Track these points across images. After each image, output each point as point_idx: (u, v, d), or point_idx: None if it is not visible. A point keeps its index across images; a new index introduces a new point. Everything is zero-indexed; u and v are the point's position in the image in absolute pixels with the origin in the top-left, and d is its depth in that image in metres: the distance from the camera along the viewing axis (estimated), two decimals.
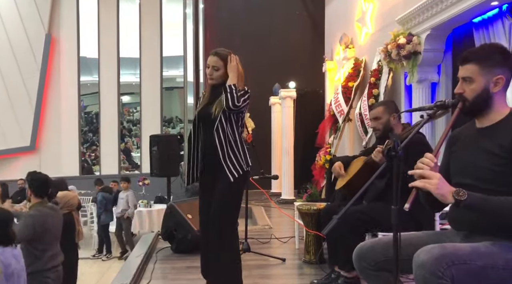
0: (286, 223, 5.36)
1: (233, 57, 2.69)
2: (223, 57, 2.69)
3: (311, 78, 8.74)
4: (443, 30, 4.45)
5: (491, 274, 1.55)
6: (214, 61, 2.69)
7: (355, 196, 1.69)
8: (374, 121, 2.93)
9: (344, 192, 3.17)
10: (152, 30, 11.53)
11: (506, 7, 3.69)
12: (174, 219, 4.16)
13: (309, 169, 7.63)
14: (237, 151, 2.69)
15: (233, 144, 2.69)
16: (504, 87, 1.74)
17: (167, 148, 6.66)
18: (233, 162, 2.68)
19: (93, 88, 12.37)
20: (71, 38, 11.40)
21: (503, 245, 1.62)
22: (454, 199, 1.56)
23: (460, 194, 1.56)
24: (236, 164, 2.68)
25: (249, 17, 9.05)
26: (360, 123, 5.91)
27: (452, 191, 1.58)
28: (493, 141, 1.70)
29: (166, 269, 3.71)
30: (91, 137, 13.99)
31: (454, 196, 1.57)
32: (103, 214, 8.11)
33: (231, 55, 2.69)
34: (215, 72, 2.70)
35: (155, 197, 9.29)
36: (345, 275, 2.80)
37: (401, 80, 5.22)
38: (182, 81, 12.00)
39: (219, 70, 2.69)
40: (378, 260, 1.80)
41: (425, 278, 1.50)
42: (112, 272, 6.22)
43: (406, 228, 2.03)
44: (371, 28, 6.33)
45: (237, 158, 2.69)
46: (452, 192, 1.57)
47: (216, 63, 2.69)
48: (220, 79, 2.70)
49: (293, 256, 3.97)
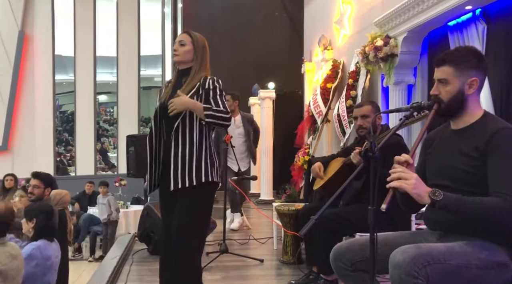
0: (265, 224, 5.36)
1: (178, 93, 2.31)
2: (194, 37, 2.40)
3: (290, 79, 8.77)
4: (419, 33, 4.53)
5: (465, 273, 1.58)
6: (182, 36, 2.41)
7: (332, 197, 1.69)
8: (362, 119, 2.91)
9: (322, 193, 3.18)
10: (129, 29, 11.36)
11: (479, 12, 3.78)
12: (151, 221, 4.11)
13: (288, 169, 7.65)
14: (203, 157, 2.32)
15: (198, 147, 2.32)
16: (478, 89, 1.77)
17: (144, 148, 6.52)
18: (197, 168, 2.30)
19: (69, 87, 12.12)
20: (46, 35, 11.13)
21: (477, 244, 1.64)
22: (430, 199, 1.58)
23: (436, 194, 1.58)
24: (199, 171, 2.30)
25: (228, 18, 9.02)
26: (338, 124, 5.95)
27: (428, 191, 1.60)
28: (467, 143, 1.73)
29: (142, 271, 3.65)
30: (66, 137, 13.71)
31: (430, 196, 1.59)
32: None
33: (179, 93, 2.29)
34: (180, 47, 2.38)
35: (132, 198, 9.18)
36: (324, 278, 2.81)
37: (378, 82, 5.29)
38: (160, 80, 11.88)
39: (186, 46, 2.38)
40: (355, 260, 1.80)
41: (401, 278, 1.51)
42: (86, 275, 6.10)
43: (383, 228, 2.05)
44: (349, 30, 6.39)
45: (201, 164, 2.31)
46: (428, 192, 1.59)
47: (184, 38, 2.40)
48: (185, 57, 2.38)
49: (271, 257, 3.96)
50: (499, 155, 1.64)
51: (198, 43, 2.40)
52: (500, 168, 1.62)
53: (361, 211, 2.10)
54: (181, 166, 2.30)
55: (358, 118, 2.94)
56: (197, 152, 2.32)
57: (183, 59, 2.40)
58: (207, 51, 2.46)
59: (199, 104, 2.28)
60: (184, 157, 2.31)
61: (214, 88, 2.34)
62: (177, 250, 2.31)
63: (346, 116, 5.68)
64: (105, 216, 7.69)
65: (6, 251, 2.62)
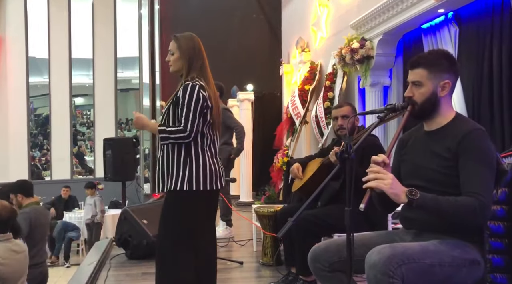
0: (244, 226, 5.35)
1: (134, 114, 2.40)
2: (179, 41, 2.37)
3: (268, 81, 8.81)
4: (394, 35, 4.61)
5: (438, 271, 1.61)
6: (171, 44, 2.42)
7: (309, 199, 1.70)
8: (343, 119, 2.94)
9: (300, 194, 3.20)
10: (106, 30, 11.20)
11: (451, 15, 3.87)
12: (129, 225, 4.05)
13: (267, 171, 7.67)
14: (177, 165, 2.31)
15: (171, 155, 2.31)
16: (450, 91, 1.82)
17: (121, 151, 6.47)
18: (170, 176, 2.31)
19: (44, 89, 11.87)
20: (19, 37, 10.88)
21: (450, 243, 1.68)
22: (408, 198, 1.61)
23: (413, 194, 1.60)
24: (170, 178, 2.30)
25: (206, 20, 8.99)
26: (316, 125, 6.00)
27: (405, 190, 1.62)
28: (440, 144, 1.76)
29: (120, 276, 3.59)
30: (41, 141, 13.41)
31: (408, 195, 1.61)
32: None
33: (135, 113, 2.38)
34: (171, 57, 2.39)
35: (110, 202, 9.05)
36: (303, 279, 2.82)
37: (355, 83, 5.36)
38: (137, 82, 11.75)
39: (174, 54, 2.38)
40: (332, 261, 1.82)
41: (377, 278, 1.53)
42: (63, 281, 5.97)
43: (359, 228, 2.08)
44: (326, 33, 6.46)
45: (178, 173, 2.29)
46: (405, 192, 1.62)
47: (171, 46, 2.39)
48: (176, 66, 2.38)
49: (251, 259, 3.96)
50: (470, 156, 1.68)
51: (182, 46, 2.36)
52: (471, 168, 1.66)
53: (338, 212, 2.12)
54: (161, 171, 2.36)
55: (338, 118, 2.97)
56: (172, 157, 2.33)
57: (175, 68, 2.40)
58: (198, 49, 2.39)
59: (153, 126, 2.35)
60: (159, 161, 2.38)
61: (182, 97, 2.29)
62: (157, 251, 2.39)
63: (324, 118, 5.73)
64: (89, 216, 7.59)
65: (7, 247, 2.78)
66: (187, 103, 2.27)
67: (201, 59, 2.39)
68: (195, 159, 2.31)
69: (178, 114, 2.31)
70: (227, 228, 4.84)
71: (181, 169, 2.30)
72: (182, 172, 2.30)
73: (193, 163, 2.31)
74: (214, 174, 2.35)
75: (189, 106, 2.26)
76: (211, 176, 2.33)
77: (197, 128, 2.28)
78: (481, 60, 3.63)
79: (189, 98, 2.27)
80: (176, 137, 2.26)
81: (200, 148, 2.33)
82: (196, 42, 2.39)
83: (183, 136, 2.26)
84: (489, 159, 1.68)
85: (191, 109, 2.26)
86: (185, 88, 2.30)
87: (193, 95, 2.27)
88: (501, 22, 3.44)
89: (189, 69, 2.35)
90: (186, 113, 2.26)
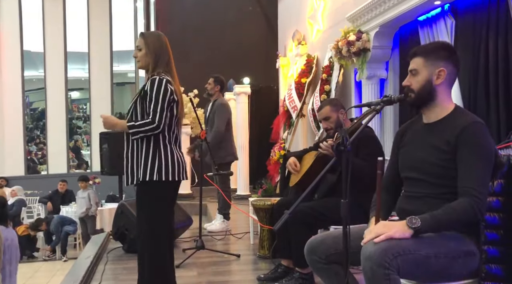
0: (242, 219, 5.36)
1: (102, 116, 2.45)
2: (146, 38, 2.45)
3: (265, 74, 8.78)
4: (390, 28, 4.59)
5: (434, 262, 1.62)
6: (138, 40, 2.49)
7: (305, 192, 1.70)
8: (325, 121, 2.96)
9: (297, 188, 3.20)
10: (101, 23, 11.12)
11: (448, 7, 3.86)
12: (126, 219, 4.05)
13: (264, 164, 7.67)
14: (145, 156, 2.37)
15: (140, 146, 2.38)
16: (448, 82, 1.80)
17: (118, 145, 6.41)
18: (138, 167, 2.38)
19: (39, 83, 11.81)
20: (13, 30, 10.79)
21: (445, 234, 1.69)
22: (413, 230, 1.59)
23: (413, 222, 1.60)
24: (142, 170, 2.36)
25: (201, 12, 8.93)
26: (313, 118, 6.00)
27: (405, 224, 1.61)
28: (439, 136, 1.76)
29: (117, 269, 3.60)
30: (37, 135, 13.36)
31: (411, 226, 1.60)
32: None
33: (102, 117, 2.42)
34: (138, 52, 2.46)
35: (107, 196, 9.05)
36: (299, 271, 2.83)
37: (351, 76, 5.35)
38: (133, 76, 11.71)
39: (142, 50, 2.44)
40: (329, 253, 1.83)
41: (373, 270, 1.54)
42: (61, 274, 5.98)
43: (356, 221, 2.08)
44: (322, 25, 6.43)
45: (146, 164, 2.37)
46: (406, 225, 1.60)
47: (139, 42, 2.46)
48: (144, 62, 2.45)
49: (248, 252, 3.98)
50: (468, 149, 1.68)
51: (149, 43, 2.44)
52: (468, 162, 1.66)
53: (335, 204, 2.12)
54: (130, 164, 2.42)
55: (322, 121, 3.01)
56: (140, 150, 2.39)
57: (143, 64, 2.47)
58: (165, 47, 2.46)
59: (122, 124, 2.38)
60: (128, 155, 2.43)
61: (150, 90, 2.37)
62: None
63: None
64: (83, 210, 7.59)
65: None
66: (155, 96, 2.34)
67: (167, 55, 2.47)
68: (164, 151, 2.40)
69: (146, 107, 2.37)
70: (224, 221, 4.84)
71: (149, 160, 2.38)
72: (151, 164, 2.38)
73: (162, 155, 2.39)
74: (181, 166, 2.45)
75: (157, 98, 2.34)
76: (178, 168, 2.43)
77: (165, 120, 2.36)
78: (477, 52, 3.62)
79: (157, 90, 2.35)
80: (145, 129, 2.33)
81: (168, 141, 2.42)
82: (163, 40, 2.49)
83: (152, 128, 2.33)
84: (487, 153, 1.68)
85: (159, 101, 2.34)
86: (152, 82, 2.37)
87: (160, 88, 2.35)
88: (497, 14, 3.43)
89: (156, 65, 2.43)
90: (154, 105, 2.34)
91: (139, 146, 2.40)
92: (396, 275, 1.55)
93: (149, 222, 2.44)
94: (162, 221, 2.46)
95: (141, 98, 2.40)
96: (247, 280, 3.23)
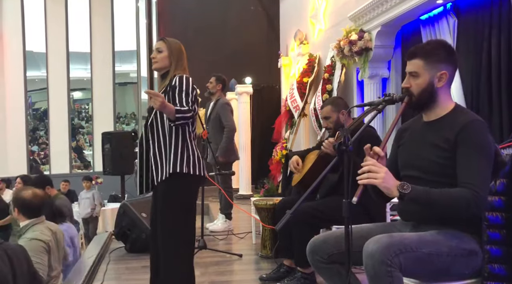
0: (244, 219, 5.36)
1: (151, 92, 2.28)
2: (168, 42, 2.52)
3: (267, 73, 8.77)
4: (392, 27, 4.59)
5: (436, 260, 1.61)
6: (158, 44, 2.55)
7: (307, 192, 1.70)
8: (325, 120, 2.98)
9: (299, 187, 3.20)
10: (103, 24, 11.15)
11: (450, 6, 3.85)
12: (128, 218, 4.06)
13: (266, 164, 7.66)
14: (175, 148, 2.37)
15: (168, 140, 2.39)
16: (448, 82, 1.80)
17: (120, 145, 6.48)
18: (168, 160, 2.36)
19: (41, 83, 11.85)
20: (16, 31, 10.82)
21: (448, 233, 1.68)
22: (399, 193, 1.61)
23: (404, 188, 1.60)
24: (172, 162, 2.35)
25: (203, 12, 8.94)
26: (315, 118, 5.99)
27: (397, 184, 1.62)
28: (438, 135, 1.76)
29: (119, 269, 3.61)
30: (40, 135, 13.40)
31: (399, 189, 1.61)
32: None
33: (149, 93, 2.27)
34: (158, 54, 2.51)
35: (109, 196, 9.06)
36: (301, 271, 2.83)
37: (353, 75, 5.34)
38: (135, 76, 11.72)
39: (163, 52, 2.51)
40: (331, 253, 1.82)
41: (375, 267, 1.54)
42: None
43: (358, 220, 2.08)
44: (324, 25, 6.43)
45: (176, 156, 2.36)
46: (396, 186, 1.62)
47: (160, 45, 2.52)
48: (163, 63, 2.50)
49: (250, 252, 3.97)
50: (468, 147, 1.67)
51: (172, 47, 2.53)
52: (469, 159, 1.66)
53: (337, 204, 2.12)
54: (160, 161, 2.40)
55: (323, 119, 3.03)
56: (169, 145, 2.40)
57: (161, 65, 2.53)
58: (184, 53, 2.58)
59: (170, 106, 2.31)
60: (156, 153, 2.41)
61: (180, 84, 2.41)
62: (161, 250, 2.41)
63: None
64: (88, 210, 7.57)
65: (46, 227, 3.07)
66: (185, 89, 2.40)
67: (185, 61, 2.58)
68: (190, 145, 2.43)
69: (174, 101, 2.40)
70: (226, 221, 4.84)
71: (178, 153, 2.38)
72: (180, 156, 2.38)
73: (189, 149, 2.42)
74: (201, 161, 2.47)
75: (188, 92, 2.40)
76: (199, 163, 2.44)
77: (195, 112, 2.41)
78: (480, 51, 3.62)
79: (186, 85, 2.41)
80: (187, 116, 2.34)
81: (189, 136, 2.45)
82: (182, 47, 2.59)
83: (190, 116, 2.36)
84: (486, 150, 1.68)
85: (189, 94, 2.40)
86: (181, 78, 2.44)
87: (189, 84, 2.43)
88: (499, 13, 3.42)
89: (175, 67, 2.52)
90: (186, 97, 2.38)
91: (166, 140, 2.41)
92: (398, 272, 1.54)
93: (177, 218, 2.38)
94: (191, 217, 2.44)
95: (168, 93, 2.43)
96: (249, 280, 3.23)
